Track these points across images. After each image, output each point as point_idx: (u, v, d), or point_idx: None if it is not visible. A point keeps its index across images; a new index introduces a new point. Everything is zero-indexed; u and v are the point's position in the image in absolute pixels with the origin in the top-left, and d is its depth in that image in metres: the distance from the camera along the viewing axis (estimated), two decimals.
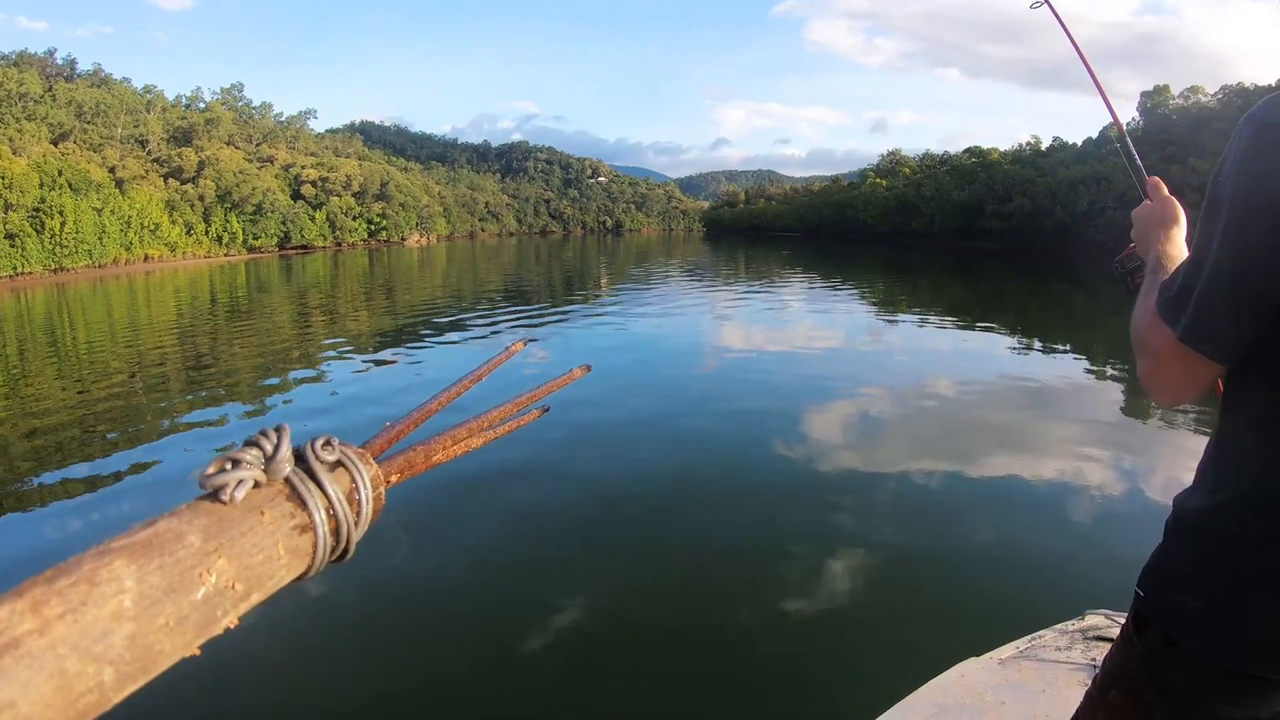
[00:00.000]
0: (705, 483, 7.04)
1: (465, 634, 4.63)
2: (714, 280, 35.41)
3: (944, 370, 12.79)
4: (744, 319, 20.09)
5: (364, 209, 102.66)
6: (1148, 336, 1.22)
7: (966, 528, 6.04)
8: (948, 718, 2.49)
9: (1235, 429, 1.19)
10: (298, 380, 12.45)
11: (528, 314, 20.74)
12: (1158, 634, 1.29)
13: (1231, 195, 1.05)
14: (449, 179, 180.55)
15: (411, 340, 16.12)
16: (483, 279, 38.50)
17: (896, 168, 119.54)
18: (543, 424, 4.34)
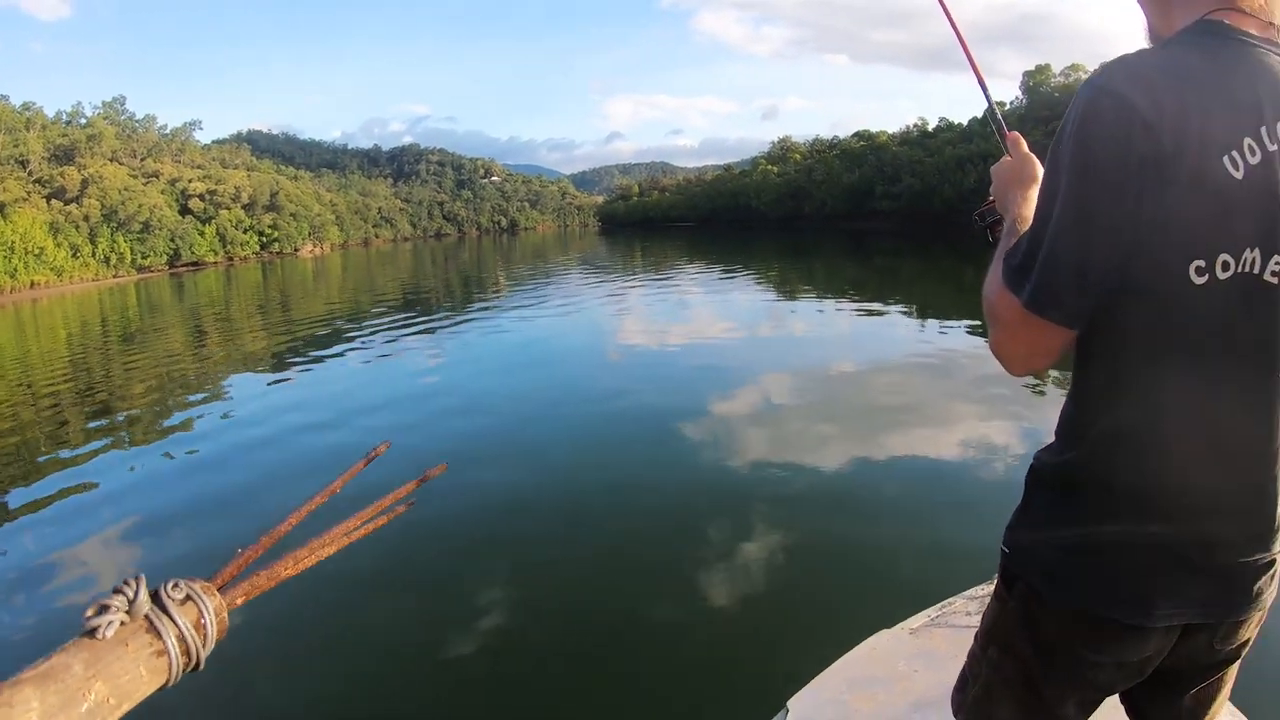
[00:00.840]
0: (617, 478, 6.92)
1: (385, 649, 4.46)
2: (612, 274, 35.20)
3: (845, 351, 12.79)
4: (645, 312, 20.00)
5: (255, 221, 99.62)
6: (996, 305, 1.23)
7: (876, 504, 6.06)
8: (861, 689, 2.52)
9: (1086, 386, 1.22)
10: (195, 404, 11.64)
11: (427, 320, 20.00)
12: (1024, 588, 1.33)
13: (1069, 161, 1.08)
14: (340, 186, 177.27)
15: (310, 357, 15.30)
16: (380, 287, 37.52)
17: (787, 154, 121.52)
18: (453, 433, 6.83)
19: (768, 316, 18.10)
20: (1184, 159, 1.01)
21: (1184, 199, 1.01)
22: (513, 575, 5.22)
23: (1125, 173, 1.02)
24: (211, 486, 7.24)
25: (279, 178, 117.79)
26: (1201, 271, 1.03)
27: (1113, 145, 1.03)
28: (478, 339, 16.39)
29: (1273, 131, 1.03)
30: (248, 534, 0.79)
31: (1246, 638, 1.34)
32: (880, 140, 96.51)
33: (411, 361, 14.02)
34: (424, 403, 10.24)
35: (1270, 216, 1.03)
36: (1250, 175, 1.02)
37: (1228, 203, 1.02)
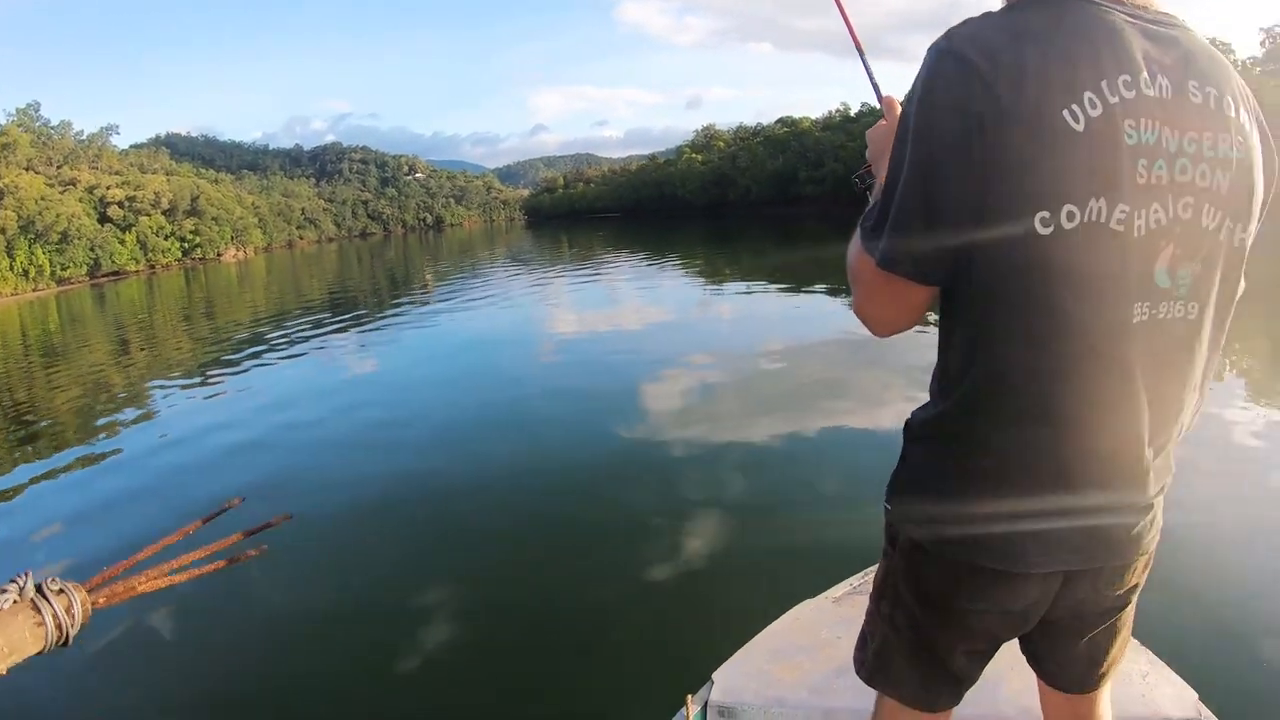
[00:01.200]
0: (546, 465, 6.93)
1: (322, 644, 4.43)
2: (539, 268, 35.05)
3: (773, 333, 12.87)
4: (574, 303, 19.97)
5: (176, 227, 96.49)
6: (855, 266, 1.26)
7: (800, 478, 6.19)
8: (784, 658, 2.55)
9: (949, 342, 1.24)
10: (112, 418, 11.17)
11: (356, 321, 19.70)
12: (907, 542, 1.38)
13: (914, 123, 1.10)
14: (262, 188, 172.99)
15: (234, 366, 14.70)
16: (306, 290, 36.72)
17: (711, 142, 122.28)
18: (390, 426, 7.42)
19: (695, 302, 18.19)
20: (1023, 113, 1.02)
21: (1024, 152, 1.03)
22: (451, 565, 5.21)
23: (966, 130, 1.04)
24: (117, 497, 7.08)
25: (199, 181, 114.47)
26: (1046, 222, 1.04)
27: (952, 104, 1.05)
28: (406, 337, 16.19)
29: (1114, 85, 1.05)
30: (130, 543, 0.90)
31: (1134, 583, 1.37)
32: (804, 126, 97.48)
33: (339, 362, 13.82)
34: (351, 401, 10.12)
35: (1113, 167, 1.05)
36: (1091, 127, 1.03)
37: (1069, 154, 1.03)
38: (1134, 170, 1.07)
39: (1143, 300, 1.11)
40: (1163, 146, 1.08)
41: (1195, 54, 1.13)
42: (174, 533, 1.11)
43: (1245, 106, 1.16)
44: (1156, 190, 1.08)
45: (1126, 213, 1.07)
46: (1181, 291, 1.14)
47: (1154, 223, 1.09)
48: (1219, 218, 1.13)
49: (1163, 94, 1.08)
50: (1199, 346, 1.18)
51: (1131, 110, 1.06)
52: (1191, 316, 1.16)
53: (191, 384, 12.90)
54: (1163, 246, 1.11)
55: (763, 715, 2.35)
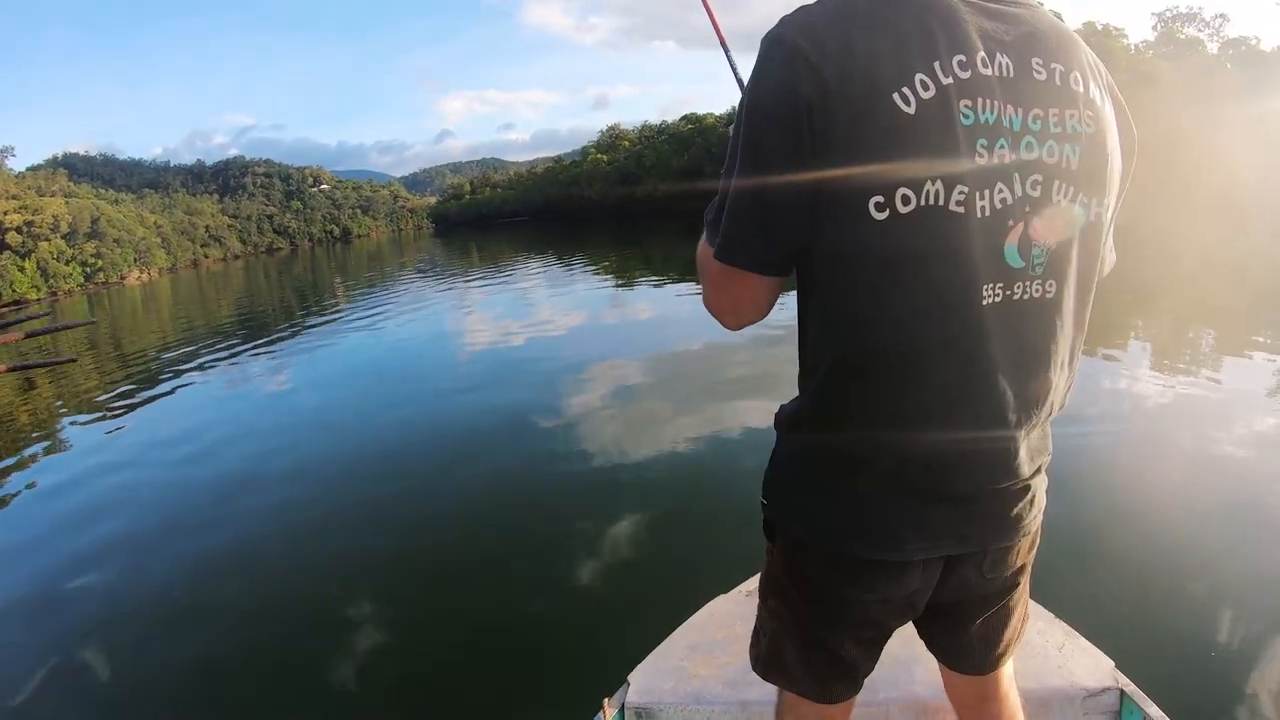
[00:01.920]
0: (467, 478, 6.89)
1: (250, 661, 4.36)
2: (450, 275, 34.74)
3: (689, 332, 12.90)
4: (486, 310, 19.87)
5: (77, 250, 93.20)
6: (701, 259, 1.27)
7: (709, 474, 6.26)
8: (700, 654, 2.56)
9: (804, 332, 1.25)
10: (30, 461, 10.62)
11: (268, 339, 19.19)
12: (784, 537, 1.39)
13: (745, 113, 1.10)
14: (164, 206, 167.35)
15: (142, 395, 14.07)
16: (214, 311, 35.51)
17: (617, 142, 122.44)
18: (305, 442, 7.16)
19: (609, 304, 18.24)
20: (851, 97, 1.00)
21: (854, 136, 1.01)
22: (351, 576, 5.18)
23: (795, 115, 1.02)
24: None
25: (99, 202, 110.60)
26: (881, 207, 1.03)
27: (781, 91, 1.03)
28: (319, 354, 15.91)
29: (947, 66, 1.03)
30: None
31: (1020, 564, 1.39)
32: (708, 122, 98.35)
33: (252, 386, 13.46)
34: (269, 425, 9.91)
35: (948, 148, 1.03)
36: (923, 109, 1.01)
37: (900, 137, 1.01)
38: (972, 150, 1.04)
39: (994, 281, 1.09)
40: (1004, 125, 1.06)
41: (1039, 31, 1.12)
42: None
43: (1096, 81, 1.16)
44: (999, 170, 1.06)
45: (966, 193, 1.05)
46: (1036, 270, 1.12)
47: (999, 202, 1.07)
48: (1071, 193, 1.12)
49: (1003, 73, 1.07)
50: (1060, 324, 1.18)
51: (967, 90, 1.04)
52: (1050, 295, 1.14)
53: (90, 420, 12.36)
54: (1011, 225, 1.09)
55: (680, 714, 2.36)
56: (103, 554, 6.12)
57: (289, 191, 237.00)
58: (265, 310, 30.84)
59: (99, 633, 4.96)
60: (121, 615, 5.07)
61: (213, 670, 4.24)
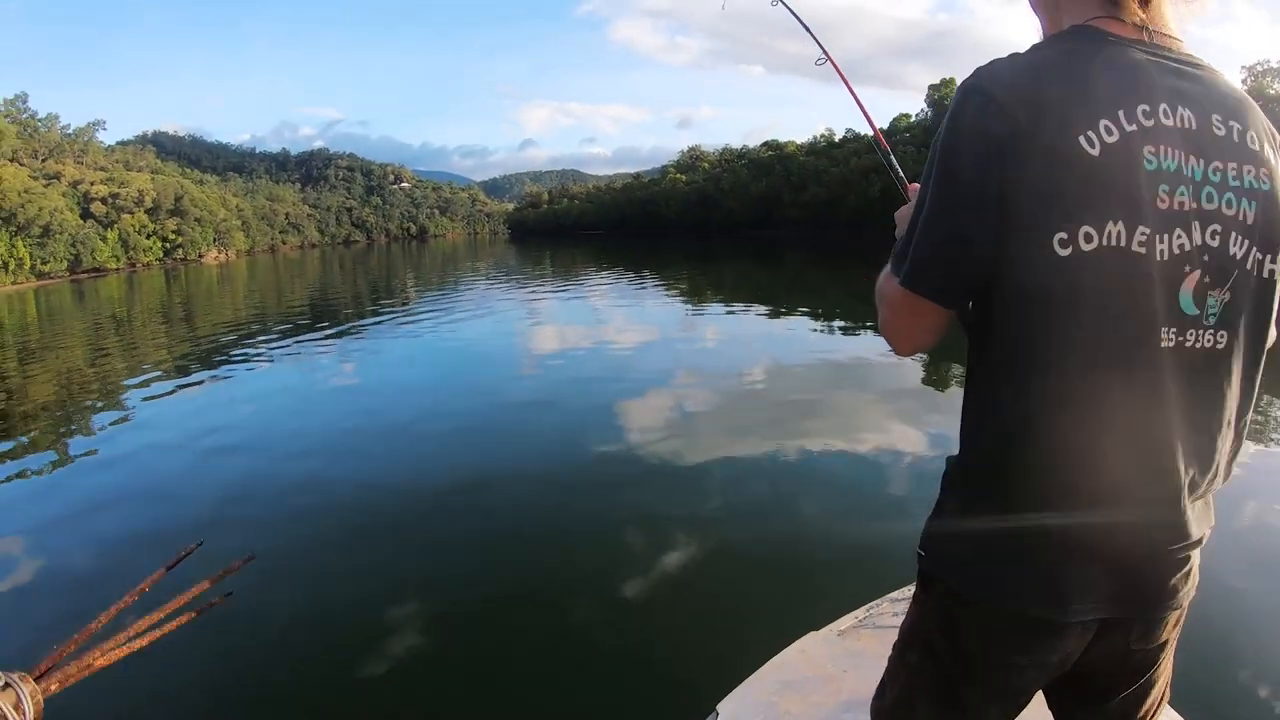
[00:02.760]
0: (536, 483, 6.82)
1: (298, 649, 4.39)
2: (522, 282, 34.93)
3: (757, 355, 12.85)
4: (556, 318, 19.89)
5: (158, 226, 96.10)
6: (882, 287, 1.30)
7: (796, 505, 6.06)
8: (791, 691, 2.52)
9: (978, 380, 1.26)
10: (84, 425, 10.77)
11: (337, 328, 19.48)
12: (942, 589, 1.35)
13: (939, 153, 1.16)
14: (247, 191, 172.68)
15: (212, 371, 14.42)
16: (287, 295, 36.36)
17: (696, 163, 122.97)
18: (367, 435, 7.36)
19: (680, 323, 18.12)
20: (1039, 139, 1.07)
21: (1041, 175, 1.07)
22: (432, 577, 5.12)
23: (986, 154, 1.09)
24: (58, 539, 6.55)
25: (184, 181, 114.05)
26: (1065, 243, 1.07)
27: (974, 134, 1.10)
28: (386, 347, 16.02)
29: (1131, 114, 1.09)
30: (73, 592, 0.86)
31: (1164, 638, 1.33)
32: (788, 150, 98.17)
33: (316, 372, 13.59)
34: (330, 418, 9.88)
35: (1131, 191, 1.08)
36: (1107, 152, 1.07)
37: (1085, 177, 1.06)
38: (1154, 195, 1.09)
39: (1169, 325, 1.12)
40: (1185, 174, 1.11)
41: (1218, 91, 1.17)
42: (126, 594, 1.01)
43: (1270, 143, 1.18)
44: (1180, 215, 1.10)
45: (1147, 235, 1.08)
46: (1210, 320, 1.14)
47: (1177, 248, 1.10)
48: (1246, 246, 1.14)
49: (1185, 124, 1.12)
50: (1230, 379, 1.17)
51: (1150, 138, 1.09)
52: (1221, 345, 1.16)
53: (159, 393, 12.43)
54: (1187, 272, 1.11)
55: None
56: (137, 535, 6.08)
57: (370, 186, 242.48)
58: (337, 300, 31.23)
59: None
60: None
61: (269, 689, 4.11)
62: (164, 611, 1.00)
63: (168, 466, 7.97)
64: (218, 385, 12.68)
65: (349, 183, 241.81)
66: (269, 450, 8.37)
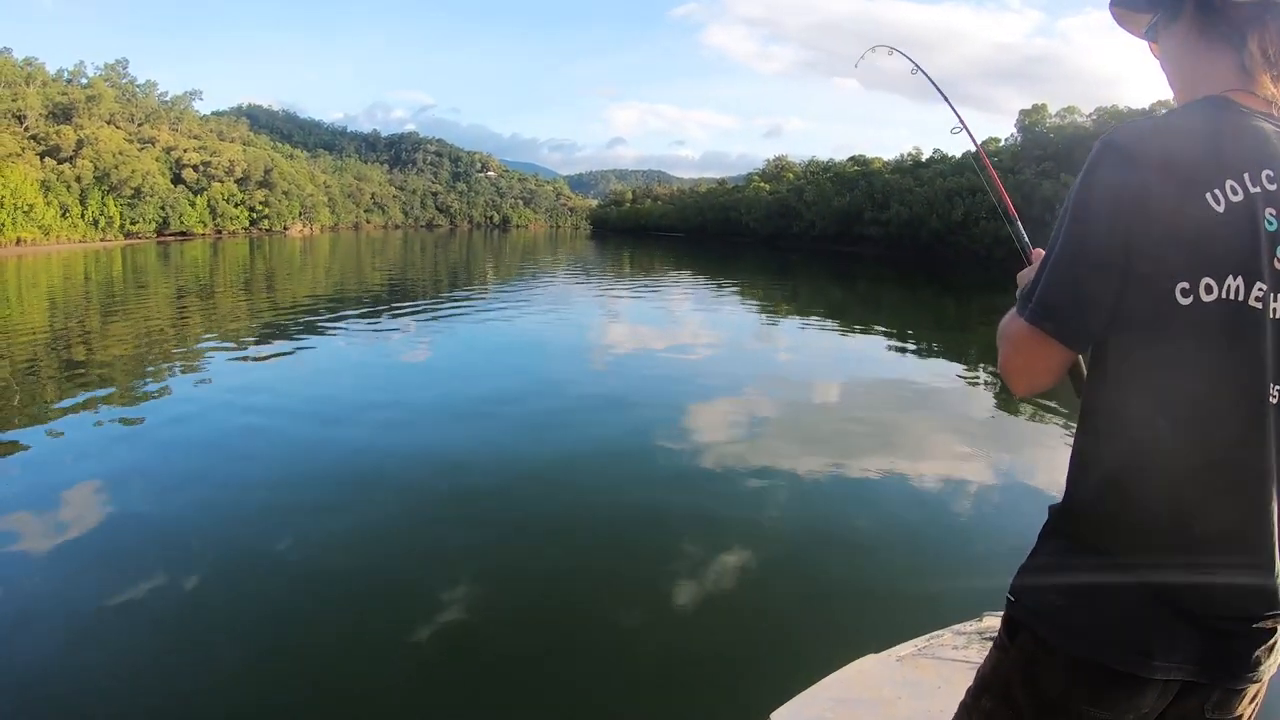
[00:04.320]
0: (599, 480, 6.96)
1: (349, 625, 4.49)
2: (600, 278, 35.39)
3: (828, 370, 13.06)
4: (630, 317, 20.15)
5: (246, 196, 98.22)
6: (1006, 325, 1.34)
7: (861, 526, 6.08)
8: (845, 710, 2.53)
9: (1088, 433, 1.29)
10: (174, 385, 11.50)
11: (413, 310, 20.08)
12: (1029, 637, 1.33)
13: (1074, 201, 1.22)
14: (335, 168, 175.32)
15: (292, 335, 15.37)
16: (367, 273, 37.34)
17: (781, 173, 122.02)
18: (439, 417, 6.98)
19: (754, 332, 18.36)
20: (1169, 193, 1.14)
21: (1168, 227, 1.14)
22: (489, 568, 5.21)
23: (1117, 207, 1.16)
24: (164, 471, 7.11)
25: (274, 155, 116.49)
26: (1186, 293, 1.13)
27: (1108, 185, 1.18)
28: (464, 336, 16.28)
29: (1256, 177, 1.16)
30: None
31: (1240, 712, 1.33)
32: (874, 166, 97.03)
33: (393, 353, 13.98)
34: (402, 398, 10.11)
35: (1251, 248, 1.15)
36: (1231, 210, 1.13)
37: (1209, 232, 1.13)
38: (1273, 255, 1.16)
39: (1277, 382, 1.17)
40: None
41: None
42: None
43: None
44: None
45: (1264, 292, 1.15)
46: None
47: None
48: None
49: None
50: None
51: (1272, 201, 1.16)
52: None
53: (231, 358, 13.03)
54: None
55: None
56: (203, 495, 6.42)
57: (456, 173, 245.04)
58: (415, 281, 31.90)
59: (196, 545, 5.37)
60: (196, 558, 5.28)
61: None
62: None
63: (226, 429, 8.41)
64: (289, 357, 13.24)
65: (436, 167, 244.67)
66: (325, 420, 8.77)
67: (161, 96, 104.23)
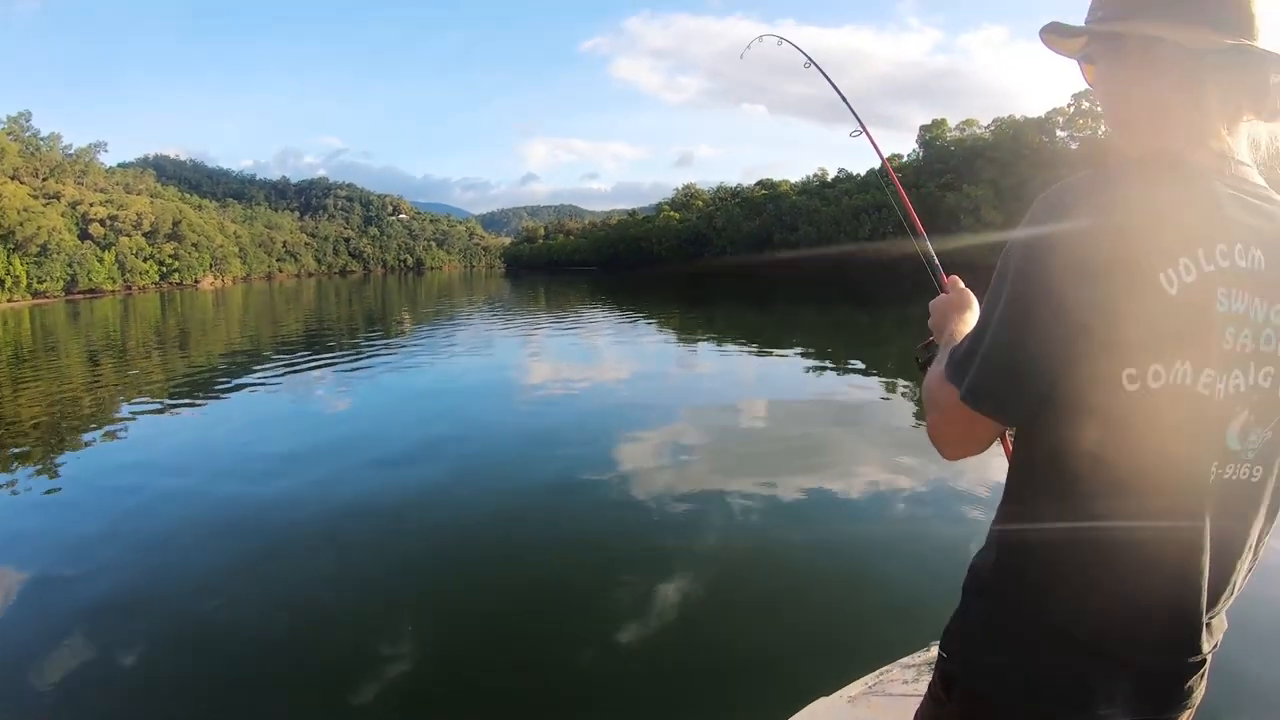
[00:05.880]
0: (530, 521, 6.83)
1: (287, 690, 4.33)
2: (517, 316, 35.22)
3: (752, 393, 13.19)
4: (551, 354, 20.08)
5: (156, 249, 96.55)
6: (937, 395, 1.31)
7: (800, 558, 5.98)
8: None
9: (1017, 489, 1.29)
10: (88, 448, 10.80)
11: (331, 360, 19.59)
12: (967, 691, 1.34)
13: (1014, 270, 1.16)
14: (245, 217, 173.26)
15: (209, 391, 14.86)
16: (282, 324, 36.41)
17: (691, 200, 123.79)
18: (364, 467, 6.43)
19: (673, 360, 18.49)
20: (1121, 274, 1.08)
21: (1118, 309, 1.08)
22: (423, 619, 5.06)
23: (1064, 284, 1.09)
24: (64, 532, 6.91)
25: (183, 206, 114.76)
26: (1133, 379, 1.10)
27: (1054, 257, 1.11)
28: (384, 381, 16.04)
29: (1210, 254, 1.11)
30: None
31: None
32: (782, 189, 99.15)
33: (316, 403, 13.77)
34: (330, 449, 9.86)
35: (1202, 331, 1.12)
36: (1183, 292, 1.09)
37: (1160, 317, 1.09)
38: (1221, 337, 1.13)
39: (1215, 460, 1.17)
40: (1250, 317, 1.15)
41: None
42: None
43: None
44: (1240, 357, 1.15)
45: (1211, 377, 1.13)
46: (1249, 455, 1.19)
47: (1234, 389, 1.15)
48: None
49: (1255, 265, 1.15)
50: (1259, 509, 1.24)
51: (1225, 279, 1.12)
52: (1255, 479, 1.21)
53: (147, 415, 12.67)
54: (1238, 411, 1.16)
55: None
56: (119, 556, 6.24)
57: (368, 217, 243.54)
58: (331, 330, 31.31)
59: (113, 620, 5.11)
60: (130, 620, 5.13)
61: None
62: None
63: (149, 490, 8.05)
64: (207, 414, 12.85)
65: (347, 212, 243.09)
66: (251, 477, 8.41)
67: (66, 149, 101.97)
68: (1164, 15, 1.21)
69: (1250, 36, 1.19)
